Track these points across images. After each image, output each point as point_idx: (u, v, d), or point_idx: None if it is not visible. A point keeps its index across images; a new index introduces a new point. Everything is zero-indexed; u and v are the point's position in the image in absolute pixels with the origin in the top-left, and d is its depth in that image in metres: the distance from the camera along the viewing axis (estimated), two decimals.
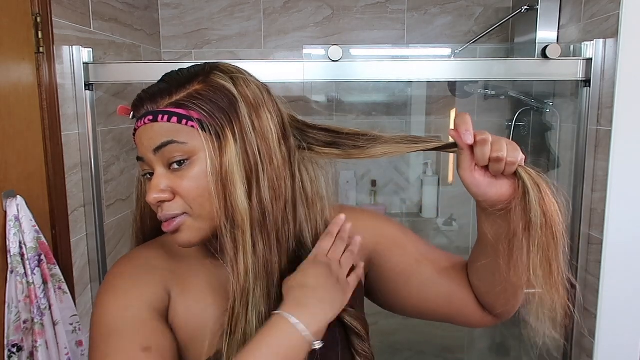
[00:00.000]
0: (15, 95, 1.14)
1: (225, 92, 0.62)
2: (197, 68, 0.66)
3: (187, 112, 0.61)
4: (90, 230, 1.44)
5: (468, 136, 0.62)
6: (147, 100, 0.63)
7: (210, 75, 0.64)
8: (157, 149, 0.62)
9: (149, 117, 0.62)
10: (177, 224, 0.63)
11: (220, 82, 0.63)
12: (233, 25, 2.06)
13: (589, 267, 1.40)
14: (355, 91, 2.14)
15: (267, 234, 0.62)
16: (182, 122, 0.61)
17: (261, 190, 0.62)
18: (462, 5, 2.04)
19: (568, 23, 1.62)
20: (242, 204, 0.60)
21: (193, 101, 0.61)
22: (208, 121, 0.61)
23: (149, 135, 0.62)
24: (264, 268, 0.62)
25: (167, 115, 0.61)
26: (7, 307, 1.08)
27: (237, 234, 0.61)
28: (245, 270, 0.61)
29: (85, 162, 1.41)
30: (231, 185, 0.60)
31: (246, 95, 0.63)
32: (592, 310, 1.37)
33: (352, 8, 2.06)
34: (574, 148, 1.45)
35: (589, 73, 1.34)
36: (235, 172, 0.60)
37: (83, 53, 1.36)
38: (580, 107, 1.39)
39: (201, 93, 0.62)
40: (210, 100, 0.61)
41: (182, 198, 0.62)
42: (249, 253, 0.61)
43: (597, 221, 1.35)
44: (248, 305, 0.62)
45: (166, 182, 0.62)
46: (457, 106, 2.12)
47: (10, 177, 1.12)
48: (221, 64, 0.67)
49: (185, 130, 0.61)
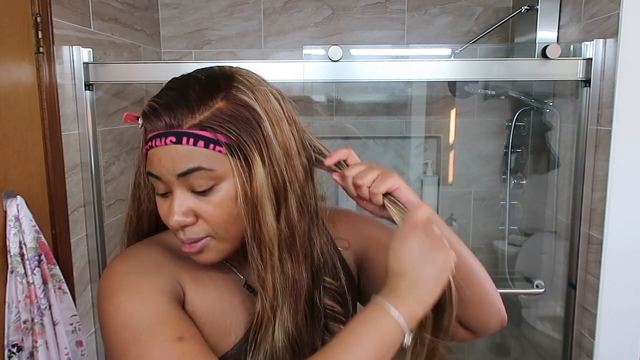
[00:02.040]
0: (15, 95, 1.14)
1: (250, 110, 0.59)
2: (215, 76, 0.61)
3: (214, 136, 0.57)
4: (90, 230, 1.44)
5: (328, 159, 0.66)
6: (164, 113, 0.58)
7: (232, 90, 0.59)
8: (182, 175, 0.58)
9: (172, 138, 0.57)
10: (201, 246, 0.61)
11: (244, 98, 0.59)
12: (233, 25, 2.06)
13: (589, 267, 1.40)
14: (355, 91, 2.14)
15: (295, 252, 0.62)
16: (210, 147, 0.57)
17: (289, 210, 0.61)
18: (462, 5, 2.04)
19: (568, 23, 1.62)
20: (271, 226, 0.59)
21: (219, 123, 0.57)
22: (236, 145, 0.57)
23: (171, 157, 0.58)
24: (293, 286, 0.62)
25: (193, 138, 0.57)
26: (7, 307, 1.08)
27: (265, 255, 0.60)
28: (273, 289, 0.60)
29: (85, 162, 1.41)
30: (261, 209, 0.58)
31: (268, 110, 0.60)
32: (592, 310, 1.37)
33: (352, 8, 2.06)
34: (574, 148, 1.46)
35: (589, 73, 1.35)
36: (265, 195, 0.58)
37: (83, 53, 1.36)
38: (580, 107, 1.39)
39: (226, 113, 0.58)
40: (236, 120, 0.58)
41: (206, 222, 0.60)
42: (277, 273, 0.60)
43: (597, 221, 1.35)
44: (275, 322, 0.61)
45: (189, 205, 0.59)
46: (457, 106, 2.12)
47: (10, 177, 1.12)
48: (239, 72, 0.63)
49: (212, 155, 0.57)
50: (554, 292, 1.70)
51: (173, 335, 0.56)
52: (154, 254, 0.65)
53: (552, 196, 1.80)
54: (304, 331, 0.64)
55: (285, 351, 0.62)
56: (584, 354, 1.43)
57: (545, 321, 1.77)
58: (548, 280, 1.71)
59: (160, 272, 0.62)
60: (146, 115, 0.60)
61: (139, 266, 0.62)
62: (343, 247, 0.75)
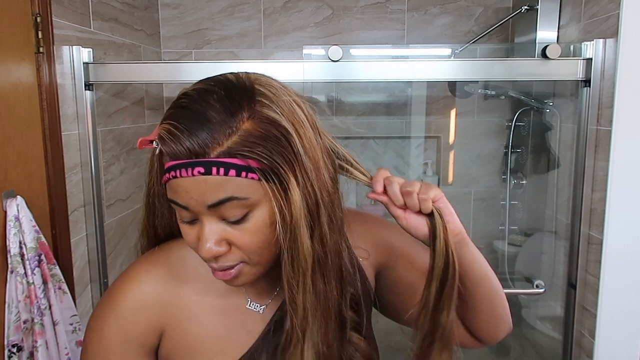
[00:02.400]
0: (15, 95, 1.14)
1: (278, 127, 0.54)
2: (234, 89, 0.56)
3: (245, 162, 0.52)
4: (90, 230, 1.44)
5: (377, 185, 0.66)
6: (186, 140, 0.52)
7: (256, 106, 0.54)
8: (213, 206, 0.54)
9: (199, 169, 0.52)
10: (236, 272, 0.58)
11: (270, 115, 0.54)
12: (233, 25, 2.06)
13: (589, 267, 1.40)
14: (355, 91, 2.14)
15: (327, 271, 0.59)
16: (242, 175, 0.53)
17: (322, 227, 0.58)
18: (462, 5, 2.04)
19: (568, 23, 1.62)
20: (307, 248, 0.56)
21: (249, 148, 0.52)
22: (270, 169, 0.53)
23: (200, 189, 0.53)
24: (324, 306, 0.60)
25: (224, 167, 0.52)
26: (7, 307, 1.08)
27: (298, 276, 0.57)
28: (304, 310, 0.58)
29: (85, 162, 1.41)
30: (299, 233, 0.55)
31: (295, 123, 0.56)
32: (592, 310, 1.37)
33: (352, 8, 2.06)
34: (574, 148, 1.46)
35: (589, 73, 1.35)
36: (302, 218, 0.55)
37: (83, 53, 1.36)
38: (580, 107, 1.39)
39: (254, 134, 0.53)
40: (266, 142, 0.53)
41: (240, 250, 0.57)
42: (308, 294, 0.58)
43: (597, 221, 1.35)
44: (305, 342, 0.60)
45: (221, 233, 0.56)
46: (457, 106, 2.12)
47: (10, 177, 1.12)
48: (258, 81, 0.58)
49: (245, 184, 0.53)
50: (554, 292, 1.70)
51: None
52: (151, 292, 0.65)
53: (552, 196, 1.80)
54: (333, 347, 0.63)
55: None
56: (584, 354, 1.43)
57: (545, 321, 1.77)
58: (548, 280, 1.71)
59: (137, 318, 0.64)
60: (164, 141, 0.53)
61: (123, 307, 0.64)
62: (362, 257, 0.74)
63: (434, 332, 0.64)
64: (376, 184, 0.65)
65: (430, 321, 0.64)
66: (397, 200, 0.64)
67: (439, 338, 0.64)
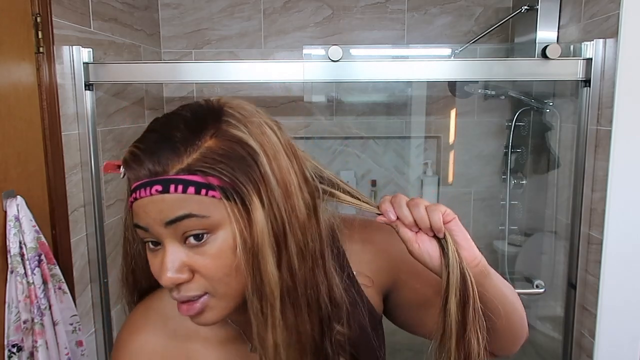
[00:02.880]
0: (15, 96, 1.14)
1: (243, 145, 0.52)
2: (200, 112, 0.55)
3: (206, 179, 0.50)
4: (90, 230, 1.44)
5: (389, 214, 0.60)
6: (147, 160, 0.51)
7: (222, 125, 0.53)
8: (170, 223, 0.51)
9: (157, 187, 0.50)
10: (201, 306, 0.55)
11: (236, 133, 0.52)
12: (233, 25, 2.06)
13: (589, 267, 1.40)
14: (355, 91, 2.14)
15: (297, 303, 0.55)
16: (202, 192, 0.51)
17: (290, 255, 0.54)
18: (462, 5, 2.04)
19: (568, 23, 1.62)
20: (272, 276, 0.52)
21: (210, 165, 0.51)
22: (231, 187, 0.51)
23: (158, 208, 0.51)
24: (297, 341, 0.56)
25: (182, 184, 0.50)
26: (7, 307, 1.08)
27: (266, 309, 0.53)
28: (274, 345, 0.54)
29: (85, 162, 1.41)
30: (262, 257, 0.52)
31: (264, 143, 0.53)
32: (592, 310, 1.37)
33: (352, 8, 2.06)
34: (574, 148, 1.46)
35: (589, 73, 1.35)
36: (266, 241, 0.52)
37: (83, 53, 1.36)
38: (580, 107, 1.39)
39: (217, 152, 0.51)
40: (230, 159, 0.51)
41: (203, 277, 0.53)
42: (278, 328, 0.54)
43: (597, 221, 1.35)
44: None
45: (182, 259, 0.53)
46: (457, 106, 2.12)
47: (10, 177, 1.12)
48: (228, 104, 0.56)
49: (205, 201, 0.51)
50: (554, 292, 1.70)
51: None
52: (149, 345, 0.63)
53: (552, 196, 1.80)
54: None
55: None
56: (584, 354, 1.43)
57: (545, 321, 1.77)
58: (548, 280, 1.71)
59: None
60: (127, 163, 0.53)
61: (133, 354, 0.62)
62: (365, 284, 0.68)
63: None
64: (388, 212, 0.60)
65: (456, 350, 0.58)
66: (404, 217, 0.59)
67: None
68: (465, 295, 0.57)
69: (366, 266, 0.68)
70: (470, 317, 0.57)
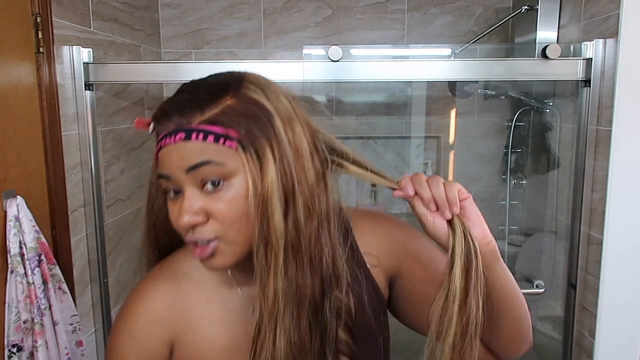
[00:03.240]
0: (15, 96, 1.14)
1: (260, 107, 0.58)
2: (224, 78, 0.62)
3: (225, 131, 0.56)
4: (90, 230, 1.44)
5: (408, 189, 0.64)
6: (174, 114, 0.58)
7: (241, 88, 0.59)
8: (191, 169, 0.57)
9: (181, 135, 0.57)
10: (212, 250, 0.60)
11: (254, 96, 0.59)
12: (233, 25, 2.06)
13: (589, 267, 1.40)
14: (355, 91, 2.14)
15: (300, 257, 0.59)
16: (220, 142, 0.56)
17: (297, 210, 0.58)
18: (462, 5, 2.04)
19: (568, 23, 1.62)
20: (279, 226, 0.57)
21: (230, 117, 0.57)
22: (248, 140, 0.57)
23: (180, 154, 0.57)
24: (295, 292, 0.59)
25: (203, 133, 0.56)
26: (7, 307, 1.08)
27: (270, 257, 0.58)
28: (274, 293, 0.58)
29: (85, 162, 1.41)
30: (270, 207, 0.57)
31: (279, 109, 0.59)
32: (592, 310, 1.37)
33: (352, 8, 2.06)
34: (574, 148, 1.46)
35: (589, 73, 1.35)
36: (275, 193, 0.57)
37: (83, 53, 1.36)
38: (580, 107, 1.39)
39: (236, 109, 0.57)
40: (247, 116, 0.57)
41: (217, 221, 0.58)
42: (279, 276, 0.58)
43: (597, 221, 1.35)
44: (276, 330, 0.59)
45: (199, 204, 0.58)
46: (457, 106, 2.12)
47: (10, 177, 1.12)
48: (248, 74, 0.63)
49: (223, 150, 0.57)
50: (554, 292, 1.70)
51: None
52: (160, 308, 0.68)
53: (552, 196, 1.80)
54: (307, 341, 0.61)
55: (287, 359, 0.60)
56: (584, 354, 1.43)
57: (545, 321, 1.77)
58: (548, 280, 1.71)
59: (154, 335, 0.67)
60: (157, 118, 0.60)
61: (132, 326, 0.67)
62: (372, 264, 0.71)
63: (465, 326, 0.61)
64: (407, 186, 0.64)
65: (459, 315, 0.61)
66: (424, 192, 0.63)
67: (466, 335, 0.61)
68: (469, 261, 0.61)
69: (374, 247, 0.72)
70: (473, 282, 0.61)
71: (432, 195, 0.62)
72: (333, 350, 0.64)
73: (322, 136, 0.65)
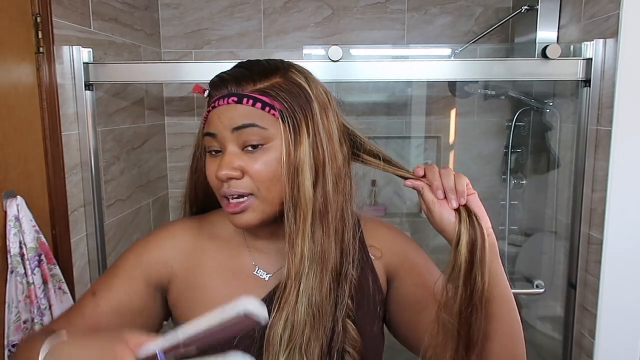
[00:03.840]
0: (15, 95, 1.14)
1: (303, 89, 0.67)
2: (274, 62, 0.70)
3: (271, 101, 0.65)
4: (90, 230, 1.44)
5: (419, 170, 0.71)
6: (230, 82, 0.66)
7: (289, 72, 0.69)
8: (237, 129, 0.65)
9: (234, 98, 0.65)
10: (245, 205, 0.66)
11: (298, 80, 0.68)
12: (233, 25, 2.06)
13: (589, 267, 1.40)
14: (355, 91, 2.14)
15: (327, 223, 0.66)
16: (266, 109, 0.65)
17: (326, 182, 0.66)
18: (462, 5, 2.04)
19: (568, 23, 1.62)
20: (308, 192, 0.64)
21: (277, 91, 0.65)
22: (288, 113, 0.65)
23: (230, 115, 0.65)
24: (320, 255, 0.65)
25: (253, 100, 0.65)
26: (7, 307, 1.08)
27: (299, 220, 0.64)
28: (301, 254, 0.64)
29: (85, 162, 1.41)
30: (301, 174, 0.64)
31: (318, 95, 0.68)
32: (592, 310, 1.37)
33: (352, 8, 2.06)
34: (574, 148, 1.46)
35: (589, 73, 1.35)
36: (307, 163, 0.64)
37: (83, 53, 1.36)
38: (580, 107, 1.39)
39: (282, 86, 0.66)
40: (291, 94, 0.66)
41: (251, 179, 0.65)
42: (307, 239, 0.64)
43: (597, 221, 1.35)
44: (299, 288, 0.64)
45: (238, 161, 0.65)
46: (457, 106, 2.12)
47: (10, 177, 1.12)
48: (294, 63, 0.72)
49: (267, 117, 0.65)
50: (554, 292, 1.70)
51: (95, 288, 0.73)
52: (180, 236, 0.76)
53: (552, 196, 1.80)
54: (326, 303, 0.66)
55: (305, 318, 0.64)
56: (584, 354, 1.43)
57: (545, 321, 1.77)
58: (548, 280, 1.71)
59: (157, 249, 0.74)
60: (214, 84, 0.68)
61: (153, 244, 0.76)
62: (375, 256, 0.76)
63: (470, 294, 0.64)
64: (418, 170, 0.71)
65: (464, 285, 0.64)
66: (433, 177, 0.69)
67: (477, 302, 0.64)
68: (475, 238, 0.64)
69: (377, 241, 0.78)
70: (478, 257, 0.64)
71: (441, 183, 0.68)
72: (343, 316, 0.69)
73: (351, 131, 0.73)
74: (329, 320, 0.67)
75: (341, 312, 0.68)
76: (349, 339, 0.69)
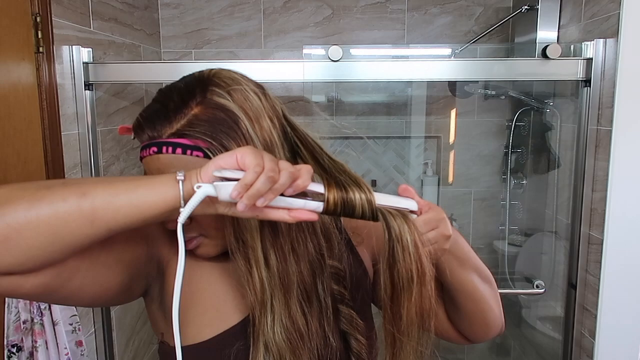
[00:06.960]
0: (15, 95, 1.14)
1: (225, 111, 0.60)
2: (192, 85, 0.63)
3: (193, 142, 0.59)
4: None
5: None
6: (147, 126, 0.62)
7: (207, 94, 0.61)
8: None
9: (154, 149, 0.61)
10: (197, 243, 0.66)
11: (219, 101, 0.61)
12: (233, 25, 2.06)
13: (589, 267, 1.40)
14: (355, 91, 2.14)
15: (279, 246, 0.62)
16: (187, 153, 0.60)
17: None
18: (462, 5, 2.04)
19: (568, 23, 1.62)
20: (252, 223, 0.60)
21: (195, 129, 0.60)
22: (214, 147, 0.59)
23: (155, 166, 0.62)
24: (280, 280, 0.62)
25: (172, 146, 0.60)
26: (7, 307, 1.08)
27: (249, 252, 0.61)
28: (260, 284, 0.62)
29: (85, 162, 1.41)
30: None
31: (245, 107, 0.61)
32: (592, 310, 1.37)
33: (352, 8, 2.06)
34: (574, 148, 1.46)
35: (589, 73, 1.35)
36: None
37: (83, 53, 1.36)
38: (580, 107, 1.39)
39: (201, 118, 0.60)
40: (213, 124, 0.60)
41: (197, 223, 0.64)
42: (261, 268, 0.61)
43: (597, 221, 1.35)
44: (267, 318, 0.62)
45: None
46: (457, 106, 2.12)
47: (10, 177, 1.12)
48: (217, 74, 0.64)
49: (192, 161, 0.60)
50: (554, 292, 1.70)
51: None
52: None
53: (552, 196, 1.80)
54: (302, 323, 0.64)
55: (284, 344, 0.63)
56: (584, 354, 1.43)
57: (545, 321, 1.77)
58: (548, 280, 1.71)
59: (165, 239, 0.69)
60: (134, 129, 0.64)
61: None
62: (356, 242, 0.76)
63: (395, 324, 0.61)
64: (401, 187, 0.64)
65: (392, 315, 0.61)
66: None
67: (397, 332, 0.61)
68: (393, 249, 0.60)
69: (359, 230, 0.76)
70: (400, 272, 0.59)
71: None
72: (334, 330, 0.67)
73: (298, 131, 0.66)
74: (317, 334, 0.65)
75: (331, 328, 0.66)
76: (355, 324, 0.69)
